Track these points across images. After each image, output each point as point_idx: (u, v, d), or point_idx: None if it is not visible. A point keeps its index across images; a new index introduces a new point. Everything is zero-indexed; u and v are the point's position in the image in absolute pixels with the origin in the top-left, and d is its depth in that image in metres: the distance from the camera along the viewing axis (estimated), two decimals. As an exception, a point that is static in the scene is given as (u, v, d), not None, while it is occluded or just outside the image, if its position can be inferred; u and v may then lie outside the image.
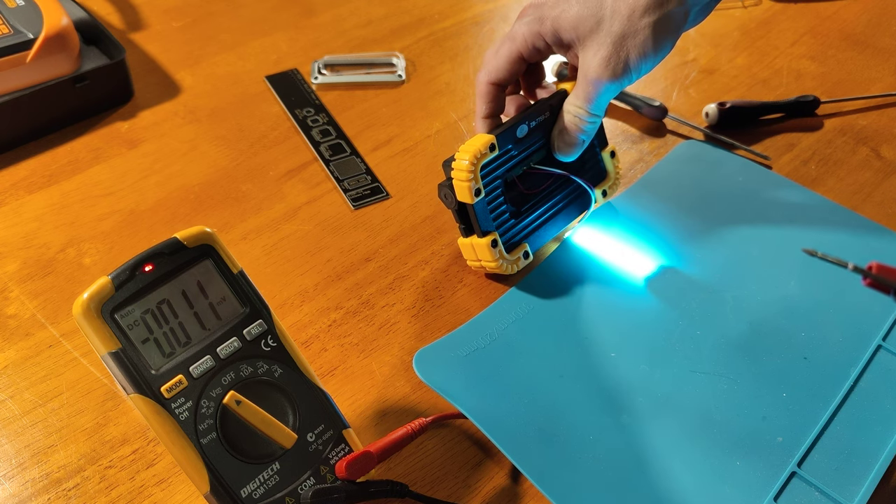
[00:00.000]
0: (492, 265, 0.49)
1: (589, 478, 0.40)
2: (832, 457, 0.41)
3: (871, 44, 0.75)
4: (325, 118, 0.63)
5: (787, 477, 0.41)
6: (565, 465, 0.41)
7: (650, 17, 0.44)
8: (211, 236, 0.37)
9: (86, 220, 0.54)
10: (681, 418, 0.43)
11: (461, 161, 0.46)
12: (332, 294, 0.50)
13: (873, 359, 0.46)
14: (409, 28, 0.74)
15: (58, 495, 0.40)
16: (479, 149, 0.46)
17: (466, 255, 0.50)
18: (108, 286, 0.34)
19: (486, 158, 0.46)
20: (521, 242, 0.50)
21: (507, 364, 0.45)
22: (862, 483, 0.40)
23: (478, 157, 0.46)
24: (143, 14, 0.74)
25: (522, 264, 0.50)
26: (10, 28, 0.58)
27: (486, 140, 0.46)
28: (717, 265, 0.52)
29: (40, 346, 0.47)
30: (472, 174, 0.46)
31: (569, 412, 0.43)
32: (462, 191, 0.46)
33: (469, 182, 0.46)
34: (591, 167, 0.54)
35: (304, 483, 0.36)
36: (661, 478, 0.41)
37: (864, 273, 0.30)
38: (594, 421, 0.43)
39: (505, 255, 0.49)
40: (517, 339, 0.47)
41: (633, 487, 0.40)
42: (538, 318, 0.48)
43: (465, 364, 0.45)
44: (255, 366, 0.37)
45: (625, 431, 0.42)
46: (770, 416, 0.43)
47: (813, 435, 0.42)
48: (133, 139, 0.61)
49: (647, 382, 0.45)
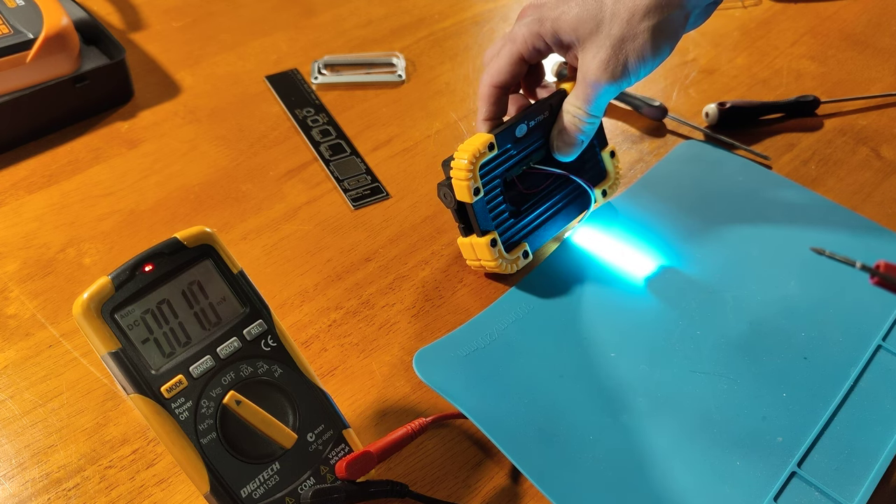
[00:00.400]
0: (491, 264, 0.49)
1: (589, 477, 0.40)
2: (832, 457, 0.41)
3: (871, 44, 0.75)
4: (325, 118, 0.63)
5: (787, 477, 0.41)
6: (565, 464, 0.41)
7: (650, 20, 0.44)
8: (211, 236, 0.37)
9: (86, 220, 0.54)
10: (680, 418, 0.43)
11: (460, 160, 0.46)
12: (332, 294, 0.50)
13: (873, 359, 0.46)
14: (409, 28, 0.74)
15: (58, 495, 0.40)
16: (478, 148, 0.46)
17: (466, 254, 0.50)
18: (108, 286, 0.34)
19: (484, 158, 0.46)
20: (520, 242, 0.50)
21: (506, 364, 0.45)
22: (862, 483, 0.40)
23: (476, 156, 0.46)
24: (143, 14, 0.74)
25: (522, 264, 0.50)
26: (10, 28, 0.58)
27: (485, 139, 0.46)
28: (717, 265, 0.52)
29: (40, 346, 0.47)
30: (471, 173, 0.46)
31: (569, 412, 0.43)
32: (461, 190, 0.46)
33: (468, 181, 0.46)
34: (590, 167, 0.54)
35: (304, 483, 0.36)
36: (661, 477, 0.41)
37: (871, 272, 0.30)
38: (594, 421, 0.43)
39: (504, 255, 0.49)
40: (517, 338, 0.47)
41: (632, 487, 0.40)
42: (538, 318, 0.48)
43: (465, 364, 0.45)
44: (255, 366, 0.37)
45: (624, 431, 0.42)
46: (770, 415, 0.43)
47: (813, 435, 0.42)
48: (133, 139, 0.61)
49: (646, 382, 0.45)
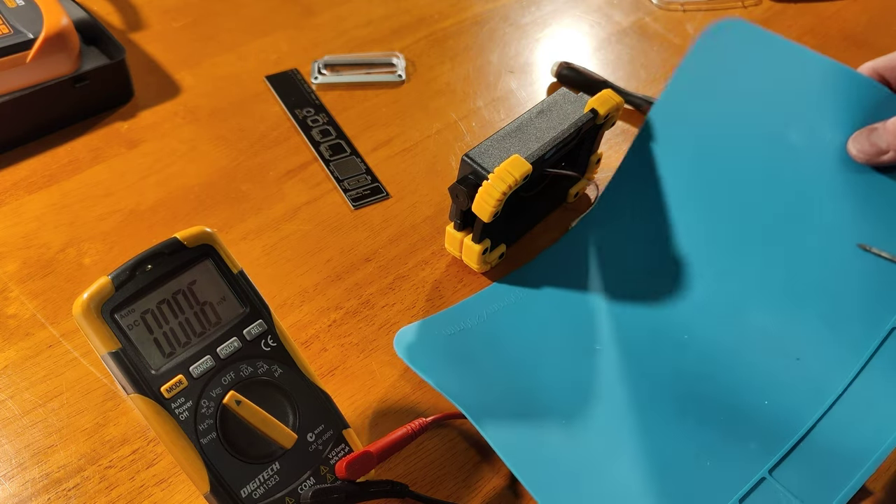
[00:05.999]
0: (473, 265, 0.50)
1: (559, 459, 0.41)
2: (808, 465, 0.41)
3: (871, 44, 0.75)
4: (325, 118, 0.63)
5: (757, 482, 0.40)
6: (538, 446, 0.41)
7: None
8: (211, 236, 0.37)
9: (86, 220, 0.54)
10: (657, 414, 0.43)
11: (494, 187, 0.44)
12: (332, 294, 0.50)
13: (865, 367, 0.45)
14: (409, 28, 0.74)
15: (58, 495, 0.40)
16: (517, 179, 0.44)
17: (449, 242, 0.51)
18: (108, 286, 0.34)
19: (517, 187, 0.45)
20: (500, 244, 0.51)
21: (489, 347, 0.46)
22: (837, 493, 0.39)
23: (512, 187, 0.44)
24: (143, 14, 0.74)
25: (495, 264, 0.52)
26: (10, 28, 0.58)
27: (525, 171, 0.45)
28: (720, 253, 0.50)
29: (40, 346, 0.47)
30: (500, 203, 0.45)
31: (545, 396, 0.44)
32: (482, 210, 0.45)
33: (494, 208, 0.45)
34: (581, 171, 0.55)
35: (304, 483, 0.36)
36: (634, 469, 0.41)
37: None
38: (570, 410, 0.43)
39: (486, 259, 0.50)
40: (503, 323, 0.47)
41: (599, 473, 0.40)
42: (527, 307, 0.49)
43: (448, 343, 0.46)
44: (255, 366, 0.37)
45: (600, 421, 0.43)
46: (751, 416, 0.43)
47: (792, 442, 0.42)
48: (133, 139, 0.61)
49: (628, 378, 0.45)
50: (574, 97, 0.51)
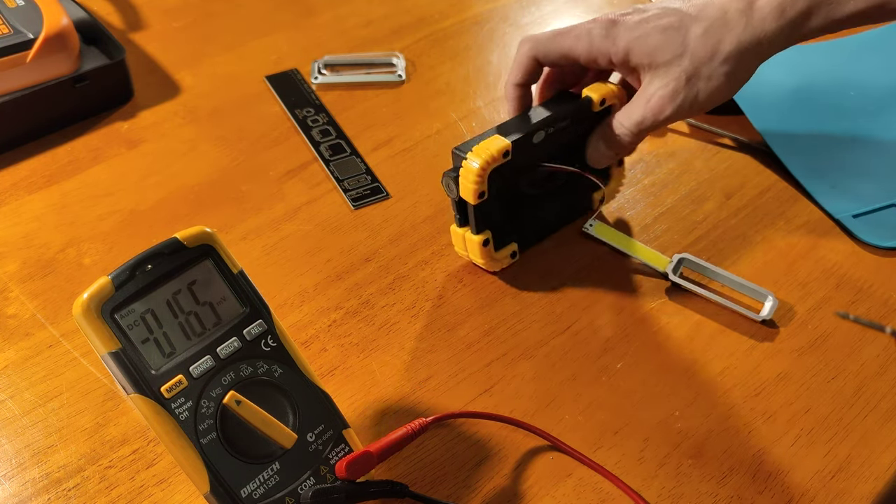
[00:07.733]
0: (479, 261, 0.50)
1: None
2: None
3: (871, 44, 0.74)
4: (325, 118, 0.63)
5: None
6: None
7: (729, 66, 0.45)
8: (211, 236, 0.37)
9: (86, 220, 0.54)
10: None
11: (472, 163, 0.45)
12: (332, 294, 0.50)
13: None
14: (409, 28, 0.74)
15: (58, 495, 0.40)
16: (494, 155, 0.45)
17: (456, 242, 0.51)
18: (108, 286, 0.34)
19: (497, 164, 0.45)
20: (510, 242, 0.51)
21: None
22: None
23: (490, 162, 0.45)
24: (143, 14, 0.74)
25: (507, 264, 0.51)
26: (10, 28, 0.58)
27: (502, 147, 0.45)
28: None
29: (40, 346, 0.47)
30: (481, 178, 0.45)
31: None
32: (466, 191, 0.46)
33: (475, 185, 0.45)
34: (596, 172, 0.54)
35: (304, 483, 0.36)
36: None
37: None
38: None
39: (493, 255, 0.50)
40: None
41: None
42: None
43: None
44: (255, 366, 0.37)
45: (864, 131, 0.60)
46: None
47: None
48: (133, 139, 0.61)
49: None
50: (572, 96, 0.51)
